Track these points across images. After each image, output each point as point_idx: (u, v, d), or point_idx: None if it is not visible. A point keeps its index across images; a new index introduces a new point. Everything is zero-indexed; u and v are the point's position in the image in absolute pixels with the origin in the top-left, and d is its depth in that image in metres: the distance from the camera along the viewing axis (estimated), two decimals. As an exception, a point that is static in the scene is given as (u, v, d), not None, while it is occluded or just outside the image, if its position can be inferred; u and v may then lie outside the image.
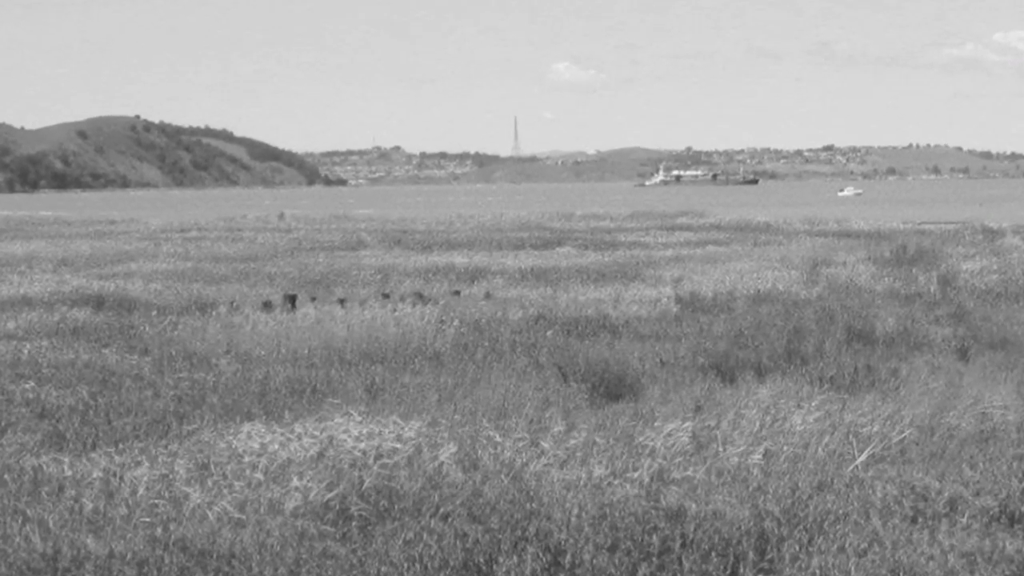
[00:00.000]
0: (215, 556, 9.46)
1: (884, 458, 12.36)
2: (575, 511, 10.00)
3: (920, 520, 10.25)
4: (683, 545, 9.45)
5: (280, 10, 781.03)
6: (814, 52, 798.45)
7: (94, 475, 11.62)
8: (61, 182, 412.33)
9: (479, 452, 12.08)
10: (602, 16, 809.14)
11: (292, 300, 26.52)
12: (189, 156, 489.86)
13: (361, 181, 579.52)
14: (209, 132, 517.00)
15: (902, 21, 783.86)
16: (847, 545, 9.48)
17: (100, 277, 36.72)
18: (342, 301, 26.73)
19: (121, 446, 12.99)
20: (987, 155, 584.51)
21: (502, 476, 11.41)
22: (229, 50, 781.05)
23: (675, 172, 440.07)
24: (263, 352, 20.25)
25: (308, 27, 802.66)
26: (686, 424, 12.97)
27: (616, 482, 11.17)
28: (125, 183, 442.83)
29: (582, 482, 11.17)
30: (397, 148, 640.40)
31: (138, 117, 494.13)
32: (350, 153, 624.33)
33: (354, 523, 10.33)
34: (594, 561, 9.22)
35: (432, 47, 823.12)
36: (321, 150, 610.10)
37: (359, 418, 13.21)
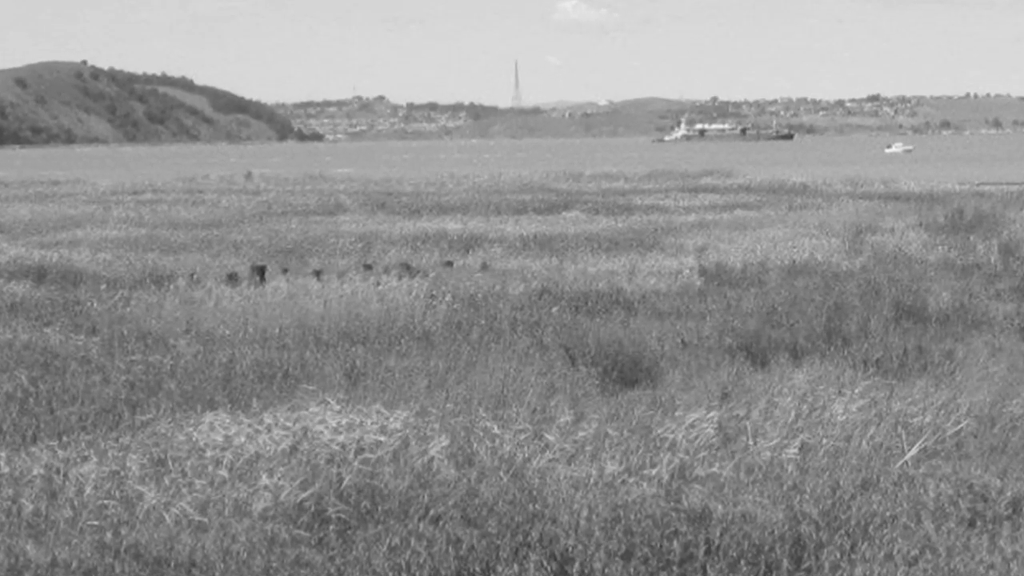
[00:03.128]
0: (173, 564, 9.46)
1: (938, 453, 12.37)
2: (584, 513, 10.00)
3: (979, 523, 10.25)
4: (708, 552, 9.45)
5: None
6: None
7: (35, 472, 11.62)
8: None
9: (474, 446, 12.08)
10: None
11: (261, 272, 26.51)
12: (143, 107, 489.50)
13: (340, 136, 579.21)
14: (166, 80, 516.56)
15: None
16: (895, 552, 9.48)
17: (41, 246, 36.72)
18: (318, 273, 26.71)
19: (65, 439, 12.99)
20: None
21: (501, 473, 11.41)
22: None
23: (699, 126, 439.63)
24: (228, 331, 20.24)
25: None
26: (711, 414, 12.97)
27: (631, 480, 11.17)
28: (70, 138, 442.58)
29: (592, 480, 11.17)
30: (381, 98, 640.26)
31: (85, 63, 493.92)
32: (327, 104, 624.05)
33: (331, 527, 10.33)
34: (606, 570, 9.23)
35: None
36: (294, 101, 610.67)
37: (337, 407, 13.20)
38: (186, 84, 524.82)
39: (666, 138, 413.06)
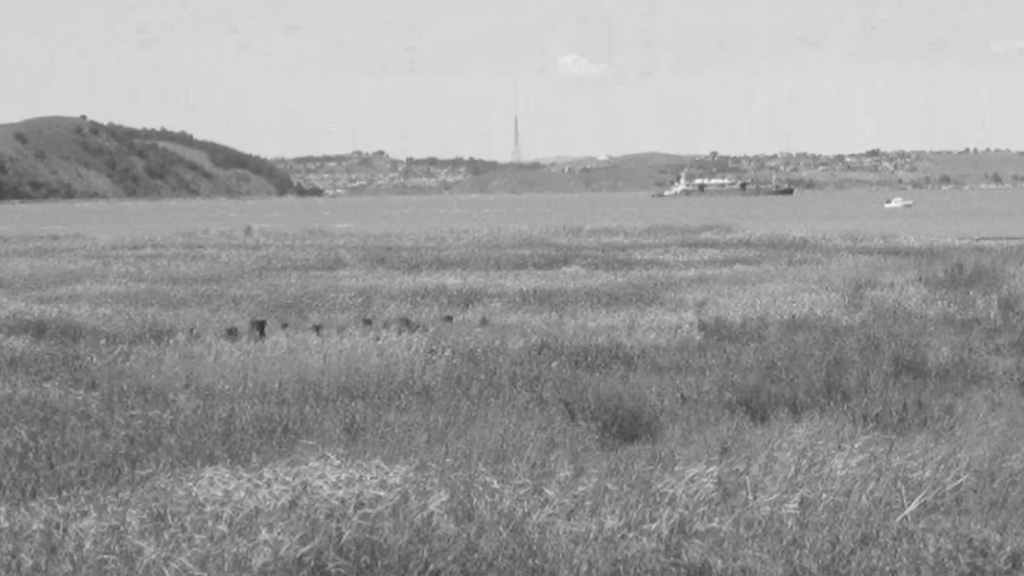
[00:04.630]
0: (172, 619, 9.46)
1: (937, 507, 12.38)
2: (584, 568, 10.02)
3: (978, 578, 10.26)
4: (707, 607, 9.46)
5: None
6: (858, 42, 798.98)
7: (34, 527, 11.62)
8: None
9: (474, 500, 12.09)
10: (613, 1, 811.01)
11: (260, 327, 26.54)
12: (143, 162, 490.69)
13: (339, 191, 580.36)
14: (165, 135, 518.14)
15: (958, 8, 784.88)
16: (895, 607, 9.49)
17: (41, 300, 36.76)
18: (318, 328, 26.77)
19: (65, 494, 13.00)
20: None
21: (500, 528, 11.42)
22: (187, 42, 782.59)
23: (698, 180, 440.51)
24: (227, 386, 20.26)
25: (277, 14, 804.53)
26: (711, 469, 12.98)
27: (631, 535, 11.19)
28: (70, 193, 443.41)
29: (592, 535, 11.18)
30: (380, 153, 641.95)
31: (84, 118, 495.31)
32: (327, 159, 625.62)
33: (331, 582, 10.32)
34: (606, 625, 9.23)
35: (420, 37, 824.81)
36: (293, 156, 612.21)
37: (337, 462, 13.22)
38: (185, 139, 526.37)
39: (666, 193, 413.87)
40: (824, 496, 12.42)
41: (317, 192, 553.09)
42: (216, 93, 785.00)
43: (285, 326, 28.01)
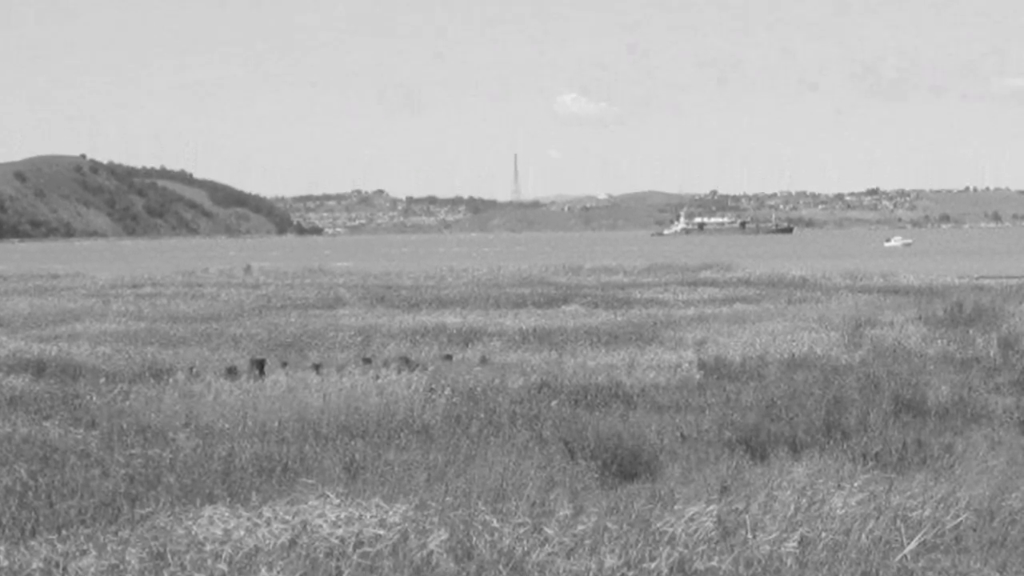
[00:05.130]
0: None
1: (937, 546, 12.39)
2: (583, 607, 10.02)
3: (978, 617, 10.27)
4: (707, 646, 9.47)
5: (244, 32, 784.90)
6: (857, 80, 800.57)
7: (33, 566, 11.64)
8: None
9: (474, 539, 12.11)
10: (614, 41, 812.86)
11: (260, 366, 26.58)
12: (142, 201, 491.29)
13: (339, 229, 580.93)
14: (165, 174, 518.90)
15: (958, 46, 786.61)
16: (894, 646, 9.50)
17: (41, 339, 36.80)
18: (317, 367, 26.80)
19: (64, 532, 13.01)
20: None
21: (500, 567, 11.44)
22: (186, 80, 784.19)
23: (698, 219, 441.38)
24: (227, 425, 20.29)
25: (276, 53, 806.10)
26: (710, 507, 13.00)
27: (630, 574, 11.20)
28: (69, 231, 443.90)
29: (591, 574, 11.20)
30: (380, 192, 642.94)
31: (84, 157, 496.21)
32: (326, 198, 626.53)
33: (331, 620, 10.34)
34: (605, 664, 9.25)
35: (419, 76, 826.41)
36: (293, 194, 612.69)
37: (336, 500, 13.24)
38: (185, 178, 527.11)
39: (665, 231, 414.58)
40: (824, 535, 12.44)
41: (317, 231, 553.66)
42: (216, 132, 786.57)
43: (285, 365, 28.04)
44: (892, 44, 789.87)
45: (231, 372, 25.80)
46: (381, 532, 12.07)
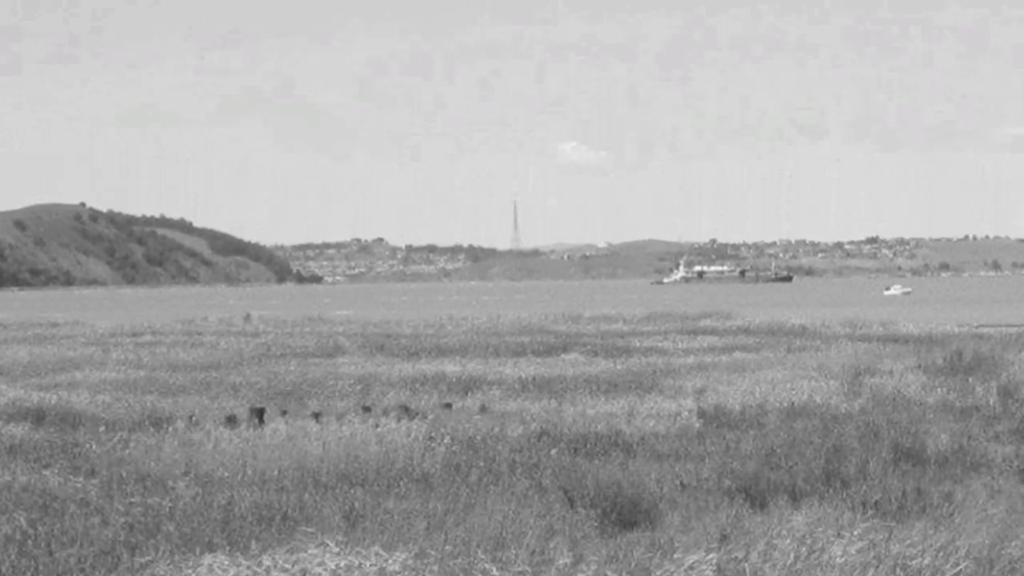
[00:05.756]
0: None
1: (936, 595, 12.39)
2: (583, 655, 10.03)
3: (977, 666, 10.28)
4: None
5: (240, 81, 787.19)
6: (857, 128, 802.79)
7: (33, 614, 11.66)
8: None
9: (473, 588, 12.11)
10: (613, 89, 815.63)
11: (260, 414, 26.60)
12: (142, 249, 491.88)
13: (338, 278, 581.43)
14: (164, 222, 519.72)
15: (957, 95, 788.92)
16: None
17: (40, 388, 36.82)
18: (317, 415, 26.82)
19: (64, 581, 13.02)
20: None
21: (500, 615, 11.44)
22: (185, 128, 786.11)
23: (697, 268, 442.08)
24: (227, 473, 20.30)
25: (274, 100, 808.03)
26: (710, 556, 13.01)
27: (630, 622, 11.20)
28: (69, 280, 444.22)
29: (591, 622, 11.20)
30: (379, 240, 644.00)
31: (83, 205, 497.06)
32: (326, 246, 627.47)
33: (330, 669, 10.34)
34: None
35: (419, 123, 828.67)
36: (293, 243, 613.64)
37: (336, 549, 13.25)
38: (184, 226, 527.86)
39: (665, 280, 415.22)
40: (823, 583, 12.44)
41: (316, 279, 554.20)
42: (215, 180, 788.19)
43: (284, 413, 28.07)
44: (892, 93, 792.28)
45: (231, 420, 25.81)
46: (381, 580, 12.07)
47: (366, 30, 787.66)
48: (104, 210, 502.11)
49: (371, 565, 12.55)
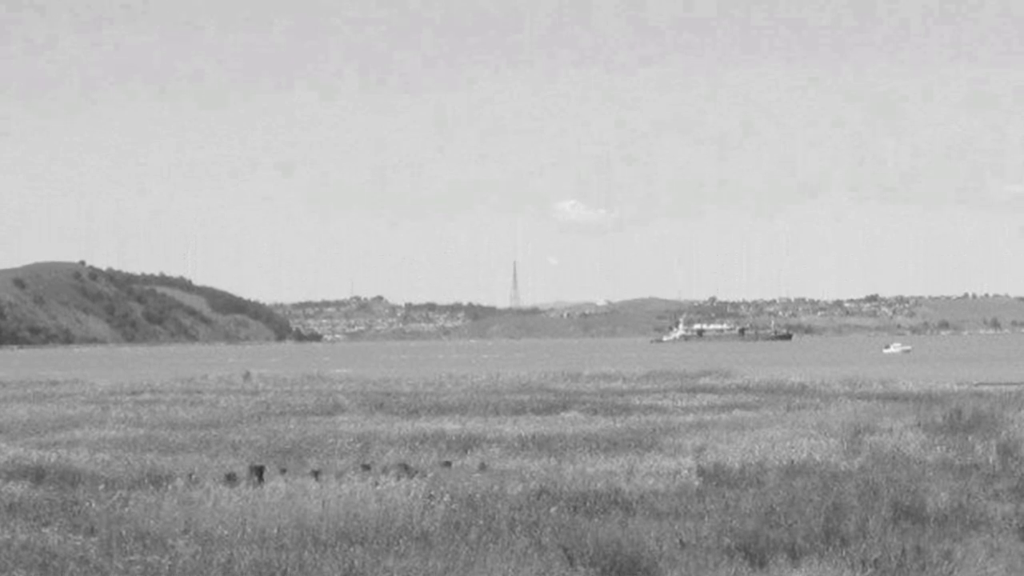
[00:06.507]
0: None
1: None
2: None
3: None
4: None
5: (241, 139, 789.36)
6: (856, 187, 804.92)
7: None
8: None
9: (473, 646, 12.14)
10: (612, 147, 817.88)
11: (259, 472, 26.60)
12: (141, 308, 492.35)
13: (338, 336, 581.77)
14: (164, 280, 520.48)
15: (956, 152, 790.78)
16: None
17: (40, 446, 36.80)
18: (316, 473, 26.83)
19: (64, 639, 13.03)
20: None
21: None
22: (184, 187, 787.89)
23: (697, 326, 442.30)
24: (226, 532, 20.29)
25: (273, 157, 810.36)
26: (709, 614, 13.04)
27: None
28: (68, 338, 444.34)
29: None
30: (379, 298, 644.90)
31: (83, 263, 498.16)
32: (325, 304, 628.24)
33: None
34: None
35: (418, 182, 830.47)
36: (292, 301, 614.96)
37: (336, 607, 13.27)
38: (184, 284, 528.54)
39: (664, 338, 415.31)
40: (822, 641, 12.47)
41: (316, 337, 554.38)
42: (215, 238, 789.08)
43: (284, 471, 28.07)
44: (890, 151, 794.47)
45: (230, 479, 25.82)
46: (380, 638, 12.09)
47: (363, 89, 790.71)
48: (104, 268, 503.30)
49: (371, 623, 12.56)
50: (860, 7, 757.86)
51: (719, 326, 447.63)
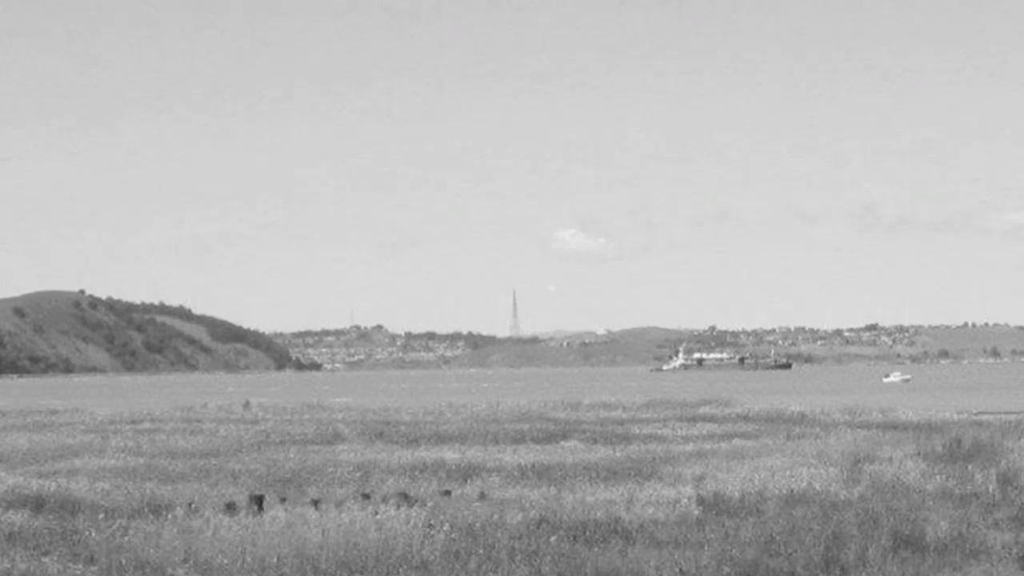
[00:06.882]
0: None
1: None
2: None
3: None
4: None
5: (242, 167, 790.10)
6: (856, 216, 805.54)
7: None
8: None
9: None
10: (612, 176, 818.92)
11: (259, 501, 26.58)
12: (141, 337, 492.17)
13: (338, 365, 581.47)
14: (164, 309, 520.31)
15: (956, 182, 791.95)
16: None
17: (40, 475, 36.78)
18: (316, 502, 26.81)
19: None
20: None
21: None
22: (184, 215, 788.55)
23: (697, 355, 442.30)
24: (226, 561, 20.30)
25: (274, 188, 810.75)
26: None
27: None
28: (68, 367, 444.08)
29: None
30: (379, 327, 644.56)
31: (83, 292, 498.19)
32: (325, 333, 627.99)
33: None
34: None
35: (418, 211, 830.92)
36: (292, 330, 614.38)
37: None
38: (184, 313, 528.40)
39: (664, 367, 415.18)
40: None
41: (315, 366, 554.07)
42: (214, 267, 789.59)
43: (283, 500, 28.06)
44: (890, 180, 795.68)
45: (230, 508, 25.81)
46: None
47: (363, 118, 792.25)
48: (103, 297, 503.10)
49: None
50: (860, 37, 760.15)
51: (719, 355, 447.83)
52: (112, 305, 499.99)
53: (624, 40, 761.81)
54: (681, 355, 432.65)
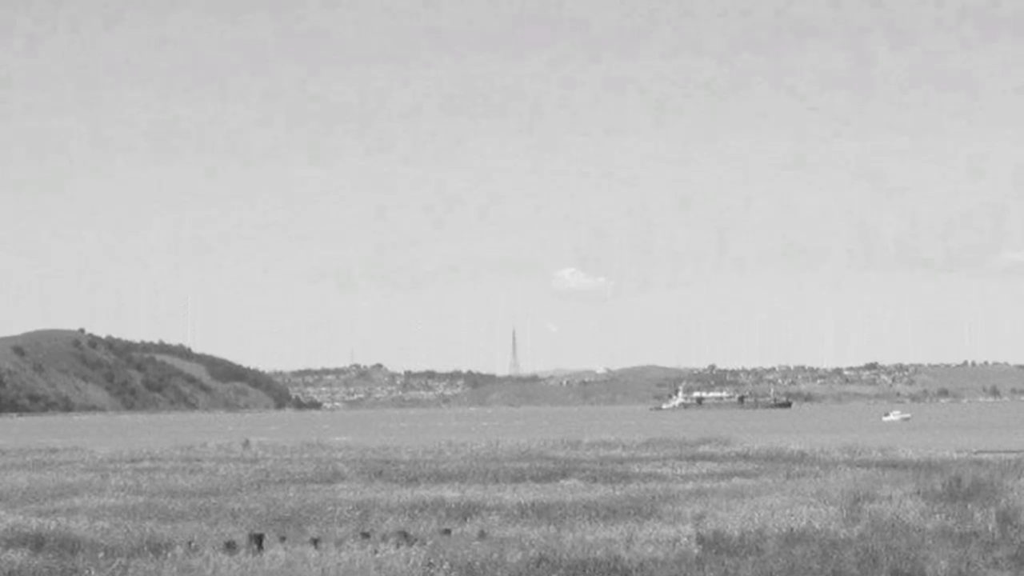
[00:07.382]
0: None
1: None
2: None
3: None
4: None
5: (239, 207, 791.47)
6: (855, 255, 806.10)
7: None
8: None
9: None
10: (611, 215, 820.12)
11: (259, 540, 26.57)
12: (141, 375, 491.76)
13: (337, 404, 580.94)
14: (163, 348, 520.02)
15: (955, 220, 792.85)
16: None
17: (39, 514, 36.75)
18: (316, 541, 26.80)
19: None
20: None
21: None
22: (183, 254, 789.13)
23: (696, 394, 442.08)
24: (226, 599, 20.28)
25: (272, 225, 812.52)
26: None
27: None
28: (68, 406, 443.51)
29: None
30: (378, 366, 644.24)
31: (82, 331, 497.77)
32: (325, 372, 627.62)
33: None
34: None
35: (418, 250, 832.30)
36: (291, 369, 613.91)
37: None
38: (183, 352, 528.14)
39: (664, 406, 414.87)
40: None
41: (315, 405, 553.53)
42: (214, 306, 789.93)
43: (283, 539, 28.04)
44: (890, 219, 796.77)
45: (229, 547, 25.80)
46: None
47: (363, 158, 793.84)
48: (103, 336, 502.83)
49: None
50: (862, 73, 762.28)
51: (718, 394, 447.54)
52: (112, 344, 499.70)
53: (623, 78, 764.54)
54: (681, 394, 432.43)
